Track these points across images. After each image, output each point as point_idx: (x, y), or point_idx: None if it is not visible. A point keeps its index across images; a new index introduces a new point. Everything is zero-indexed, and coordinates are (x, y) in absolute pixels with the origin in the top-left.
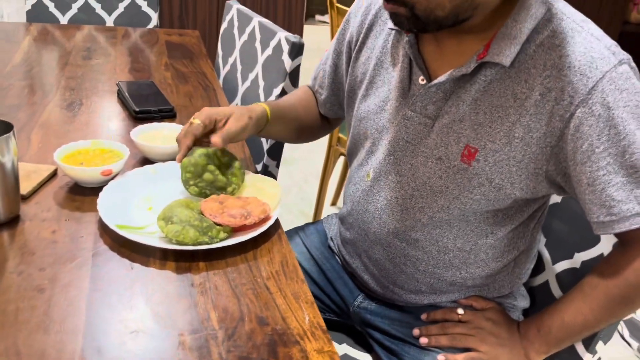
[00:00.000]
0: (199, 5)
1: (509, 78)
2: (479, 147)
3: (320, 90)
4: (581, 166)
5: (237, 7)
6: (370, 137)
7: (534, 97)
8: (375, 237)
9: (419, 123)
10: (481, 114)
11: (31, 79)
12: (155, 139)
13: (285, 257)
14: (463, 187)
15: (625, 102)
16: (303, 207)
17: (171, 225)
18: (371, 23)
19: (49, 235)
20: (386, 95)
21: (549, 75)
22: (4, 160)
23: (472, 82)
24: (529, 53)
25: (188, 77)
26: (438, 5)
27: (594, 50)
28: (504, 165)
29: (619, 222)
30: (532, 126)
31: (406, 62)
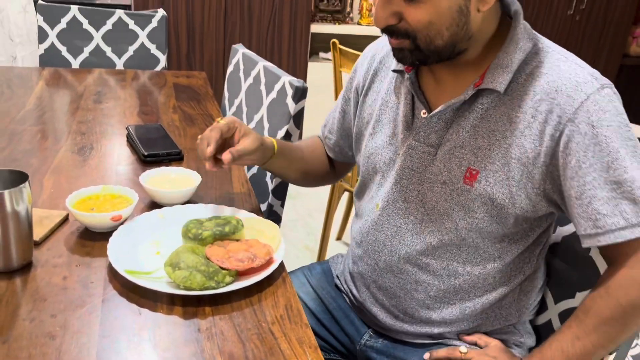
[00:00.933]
0: (206, 46)
1: (504, 104)
2: (480, 169)
3: (330, 135)
4: (570, 181)
5: (242, 51)
6: (379, 170)
7: (527, 120)
8: (386, 264)
9: (423, 152)
10: (480, 139)
11: (44, 123)
12: (163, 183)
13: (289, 301)
14: (467, 207)
15: (609, 122)
16: (308, 242)
17: (178, 271)
18: (376, 69)
19: (60, 282)
20: (392, 131)
21: (539, 99)
22: (18, 209)
23: (470, 110)
24: (520, 82)
25: (195, 119)
26: (437, 34)
27: (578, 75)
28: (504, 185)
29: (604, 235)
30: (526, 147)
31: (409, 98)
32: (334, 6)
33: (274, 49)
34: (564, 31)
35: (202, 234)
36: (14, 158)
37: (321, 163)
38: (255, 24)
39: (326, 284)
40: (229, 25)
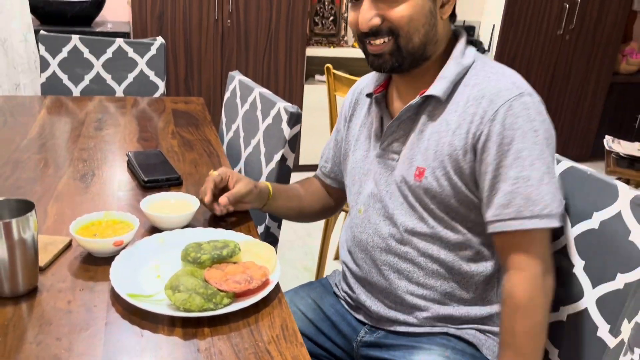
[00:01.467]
0: (204, 71)
1: (444, 110)
2: (425, 167)
3: (326, 164)
4: (484, 175)
5: (239, 78)
6: (358, 180)
7: (458, 122)
8: (372, 259)
9: (389, 159)
10: (425, 140)
11: (46, 151)
12: (163, 208)
13: (285, 321)
14: (422, 199)
15: (519, 125)
16: (306, 263)
17: (178, 293)
18: (357, 98)
19: (64, 306)
20: (368, 146)
21: (470, 105)
22: (25, 236)
23: (419, 118)
24: (458, 90)
25: (194, 144)
26: (415, 31)
27: (501, 83)
28: (445, 179)
29: (498, 223)
30: (456, 144)
31: (378, 115)
32: (329, 30)
33: (270, 72)
34: (554, 51)
35: (200, 257)
36: (18, 186)
37: (319, 199)
38: (252, 49)
39: (325, 294)
40: (226, 50)
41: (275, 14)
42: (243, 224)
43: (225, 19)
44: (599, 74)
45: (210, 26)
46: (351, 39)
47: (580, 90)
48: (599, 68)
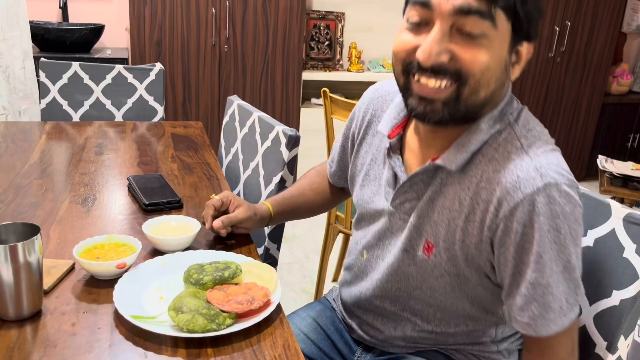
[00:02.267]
0: (201, 96)
1: (458, 183)
2: (435, 243)
3: (332, 163)
4: (502, 272)
5: (237, 102)
6: (366, 220)
7: (472, 205)
8: (369, 302)
9: (399, 219)
10: (436, 213)
11: (48, 176)
12: (164, 231)
13: (287, 341)
14: (427, 275)
15: (540, 225)
16: (304, 285)
17: (181, 314)
18: (369, 122)
19: (69, 328)
20: (377, 189)
21: (482, 187)
22: (30, 259)
23: (430, 183)
24: (475, 162)
25: (193, 167)
26: (486, 83)
27: (522, 170)
28: (456, 263)
29: (515, 323)
30: (470, 231)
31: (391, 165)
32: (324, 54)
33: (267, 96)
34: (546, 73)
35: (202, 279)
36: (20, 211)
37: (327, 195)
38: (249, 73)
39: (325, 312)
40: (223, 75)
41: (272, 39)
42: (244, 245)
43: (223, 44)
44: (591, 95)
45: (208, 51)
46: (347, 62)
47: (573, 111)
48: (590, 89)
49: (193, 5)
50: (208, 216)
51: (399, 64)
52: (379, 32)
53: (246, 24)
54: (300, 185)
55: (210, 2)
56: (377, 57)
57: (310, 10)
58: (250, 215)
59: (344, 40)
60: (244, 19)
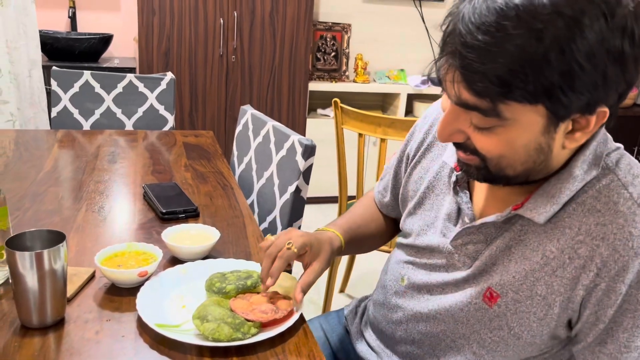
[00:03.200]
0: (208, 105)
1: (544, 233)
2: (502, 294)
3: (384, 193)
4: (590, 325)
5: (251, 111)
6: (414, 250)
7: (563, 260)
8: (400, 339)
9: (458, 260)
10: (512, 263)
11: (62, 184)
12: (183, 239)
13: (311, 351)
14: (483, 324)
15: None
16: (312, 296)
17: (207, 323)
18: (430, 144)
19: (92, 336)
20: (432, 221)
21: (580, 241)
22: (55, 267)
23: (508, 230)
24: (568, 210)
25: (207, 177)
26: (509, 166)
27: (635, 225)
28: (525, 318)
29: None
30: (555, 288)
31: (455, 198)
32: (330, 65)
33: (274, 106)
34: None
35: (225, 287)
36: (38, 218)
37: (387, 231)
38: (256, 84)
39: (336, 327)
40: (230, 85)
41: (279, 50)
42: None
43: (230, 54)
44: None
45: (216, 62)
46: (352, 73)
47: None
48: None
49: (201, 15)
50: (277, 272)
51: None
52: (385, 43)
53: (253, 34)
54: (365, 219)
55: (218, 12)
56: (383, 68)
57: (317, 21)
58: (328, 261)
59: (350, 52)
60: (251, 29)
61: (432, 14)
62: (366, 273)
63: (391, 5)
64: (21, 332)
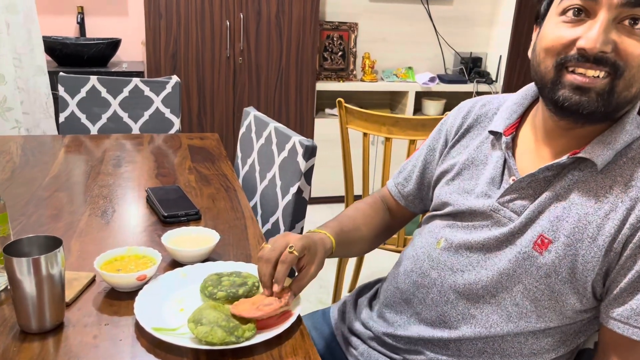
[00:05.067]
0: (216, 107)
1: (595, 181)
2: (553, 239)
3: (405, 183)
4: (625, 270)
5: (254, 113)
6: (451, 211)
7: (615, 203)
8: (432, 302)
9: (504, 216)
10: (560, 209)
11: (68, 189)
12: (184, 242)
13: (307, 353)
14: (530, 274)
15: None
16: (321, 296)
17: (200, 326)
18: (470, 125)
19: (91, 340)
20: (472, 188)
21: (632, 186)
22: (53, 272)
23: (559, 179)
24: (619, 164)
25: (210, 179)
26: (634, 83)
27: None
28: (573, 262)
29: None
30: (606, 229)
31: (500, 162)
32: (338, 65)
33: (281, 107)
34: None
35: (217, 294)
36: (41, 223)
37: (381, 232)
38: (263, 85)
39: (322, 327)
40: (238, 87)
41: (286, 50)
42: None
43: (237, 56)
44: None
45: (223, 63)
46: (360, 72)
47: None
48: None
49: (207, 18)
50: (282, 277)
51: (551, 58)
52: (392, 41)
53: (260, 35)
54: (355, 220)
55: (224, 14)
56: (391, 67)
57: (324, 21)
58: (322, 262)
59: (357, 51)
60: (257, 30)
61: (439, 12)
62: (375, 272)
63: (398, 3)
64: (20, 337)
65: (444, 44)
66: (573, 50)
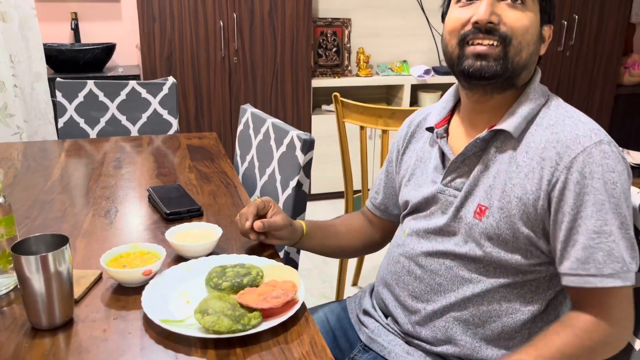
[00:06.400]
0: (213, 107)
1: (513, 149)
2: (488, 205)
3: (376, 195)
4: (559, 224)
5: (251, 110)
6: (415, 212)
7: (531, 165)
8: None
9: (450, 195)
10: (491, 177)
11: (70, 191)
12: (187, 238)
13: (313, 338)
14: (476, 240)
15: (599, 175)
16: (324, 290)
17: (207, 316)
18: (413, 132)
19: (100, 334)
20: (424, 181)
21: (543, 147)
22: (60, 269)
23: (486, 152)
24: (530, 131)
25: (210, 177)
26: (526, 45)
27: (579, 129)
28: (508, 222)
29: (575, 277)
30: (528, 188)
31: (439, 152)
32: (332, 61)
33: (278, 105)
34: (556, 67)
35: (221, 284)
36: (46, 225)
37: (360, 237)
38: (259, 83)
39: (338, 308)
40: (234, 86)
41: (280, 48)
42: (266, 250)
43: (232, 56)
44: (603, 87)
45: (218, 64)
46: (355, 68)
47: (586, 104)
48: (602, 81)
49: (201, 19)
50: (250, 215)
51: (454, 38)
52: (386, 36)
53: (254, 34)
54: (332, 220)
55: (217, 15)
56: (386, 61)
57: (317, 17)
58: (287, 224)
59: (352, 46)
60: (251, 29)
61: (432, 4)
62: (377, 265)
63: None
64: (31, 334)
65: (438, 36)
66: (469, 26)
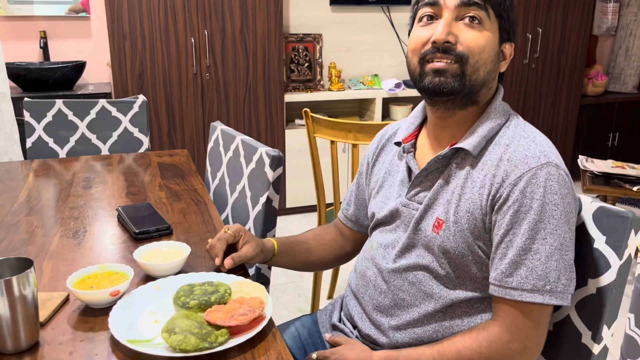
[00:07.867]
0: (186, 124)
1: (471, 165)
2: (445, 219)
3: (348, 207)
4: (495, 237)
5: (220, 127)
6: (379, 223)
7: (483, 181)
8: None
9: (413, 209)
10: (449, 192)
11: (37, 213)
12: (155, 256)
13: (280, 354)
14: (435, 253)
15: (539, 196)
16: (300, 304)
17: (174, 335)
18: (383, 145)
19: (66, 357)
20: (391, 194)
21: (496, 166)
22: (25, 292)
23: (447, 168)
24: (489, 149)
25: (181, 194)
26: (483, 64)
27: (529, 150)
28: (462, 235)
29: (498, 288)
30: (477, 202)
31: (406, 166)
32: (305, 76)
33: (251, 120)
34: (523, 79)
35: (189, 303)
36: (12, 248)
37: (331, 250)
38: (232, 99)
39: (315, 333)
40: (206, 103)
41: (252, 64)
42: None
43: (204, 72)
44: (568, 98)
45: (190, 81)
46: (327, 82)
47: (552, 115)
48: (567, 92)
49: (172, 36)
50: (220, 251)
51: (416, 56)
52: (357, 51)
53: (225, 51)
54: (303, 235)
55: (189, 32)
56: (357, 75)
57: (288, 33)
58: (258, 252)
59: (323, 61)
60: (223, 46)
61: (401, 18)
62: None
63: (360, 13)
64: None
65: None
66: (429, 45)
